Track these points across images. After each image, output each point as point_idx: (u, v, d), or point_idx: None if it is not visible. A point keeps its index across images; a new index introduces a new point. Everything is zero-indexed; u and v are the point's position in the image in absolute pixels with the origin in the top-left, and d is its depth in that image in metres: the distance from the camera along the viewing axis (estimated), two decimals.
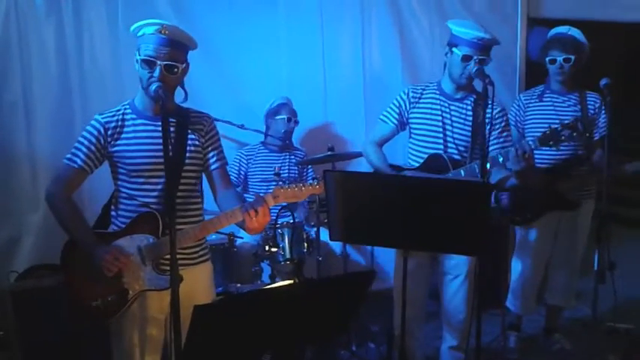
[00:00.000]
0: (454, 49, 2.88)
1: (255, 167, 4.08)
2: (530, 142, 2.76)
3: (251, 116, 4.11)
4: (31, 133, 3.82)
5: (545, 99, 3.63)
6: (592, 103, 3.58)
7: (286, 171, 4.04)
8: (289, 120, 4.05)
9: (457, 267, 2.95)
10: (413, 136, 3.08)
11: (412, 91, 3.07)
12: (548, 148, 3.18)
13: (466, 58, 2.84)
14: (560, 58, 3.49)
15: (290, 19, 4.38)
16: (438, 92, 3.02)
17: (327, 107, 4.55)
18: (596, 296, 2.98)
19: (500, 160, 2.79)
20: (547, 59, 3.55)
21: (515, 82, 4.83)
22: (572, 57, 3.47)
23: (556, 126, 2.76)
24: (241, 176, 4.11)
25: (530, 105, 3.63)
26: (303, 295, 1.99)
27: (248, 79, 4.30)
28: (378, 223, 2.36)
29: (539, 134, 2.97)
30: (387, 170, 3.02)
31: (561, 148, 3.38)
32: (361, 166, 3.98)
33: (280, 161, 4.08)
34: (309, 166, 4.11)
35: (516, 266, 3.78)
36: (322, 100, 4.53)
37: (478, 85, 2.96)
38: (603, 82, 2.94)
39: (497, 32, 4.69)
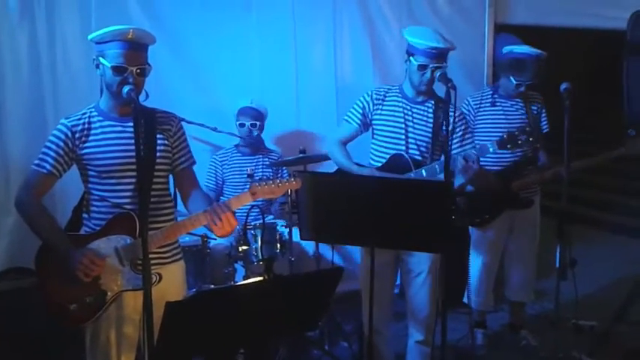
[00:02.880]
0: (411, 57, 3.00)
1: (230, 171, 4.13)
2: (489, 145, 2.89)
3: (224, 119, 4.15)
4: (4, 137, 3.82)
5: (495, 103, 3.81)
6: (534, 104, 3.82)
7: (260, 173, 4.09)
8: (244, 125, 4.07)
9: (419, 264, 3.04)
10: (376, 136, 3.17)
11: (375, 93, 3.16)
12: (503, 150, 3.38)
13: (422, 68, 2.96)
14: (524, 84, 3.67)
15: (262, 23, 4.44)
16: (400, 95, 3.13)
17: (300, 110, 4.62)
18: (558, 292, 3.08)
19: (438, 169, 2.93)
20: (511, 79, 3.68)
21: (482, 86, 4.95)
22: (534, 81, 3.67)
23: (513, 130, 2.89)
24: (219, 181, 4.16)
25: (482, 109, 3.79)
26: (273, 292, 2.06)
27: (221, 82, 4.36)
28: (346, 222, 2.45)
29: (490, 137, 3.14)
30: (354, 168, 3.08)
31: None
32: (333, 167, 4.06)
33: (254, 164, 4.13)
34: (284, 168, 4.17)
35: (474, 264, 3.94)
36: (295, 103, 4.60)
37: (438, 88, 3.07)
38: (563, 86, 3.07)
39: (465, 37, 4.92)
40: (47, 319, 2.42)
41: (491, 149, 2.96)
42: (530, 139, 2.86)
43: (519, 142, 2.88)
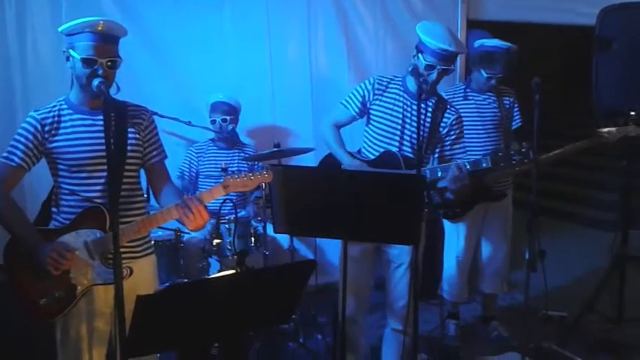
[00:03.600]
0: (420, 55, 2.92)
1: (205, 164, 4.12)
2: (483, 162, 2.91)
3: (198, 114, 4.13)
4: None
5: (468, 97, 3.86)
6: (507, 99, 3.89)
7: (235, 167, 4.08)
8: (215, 122, 4.06)
9: (400, 256, 3.04)
10: (371, 125, 3.12)
11: (378, 82, 3.09)
12: (474, 143, 3.64)
13: (429, 67, 2.89)
14: (495, 77, 3.73)
15: (236, 17, 4.44)
16: (402, 89, 3.06)
17: (275, 105, 4.63)
18: (527, 284, 3.13)
19: (439, 174, 2.91)
20: (482, 72, 3.74)
21: (455, 81, 4.99)
22: (505, 74, 3.73)
23: (510, 148, 2.95)
24: (192, 174, 4.15)
25: (454, 104, 3.81)
26: (245, 284, 2.06)
27: (195, 77, 4.35)
28: (319, 215, 2.47)
29: (465, 132, 3.16)
30: (345, 155, 3.06)
31: (485, 142, 3.64)
32: (306, 162, 4.08)
33: (230, 158, 4.12)
34: (259, 162, 4.16)
35: (447, 256, 4.01)
36: (270, 98, 4.61)
37: (441, 88, 3.09)
38: (534, 81, 3.10)
39: None
40: (17, 314, 2.41)
41: (484, 165, 2.93)
42: (525, 160, 2.87)
43: (513, 161, 2.88)
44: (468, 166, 2.89)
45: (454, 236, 3.96)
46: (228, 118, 4.07)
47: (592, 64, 3.75)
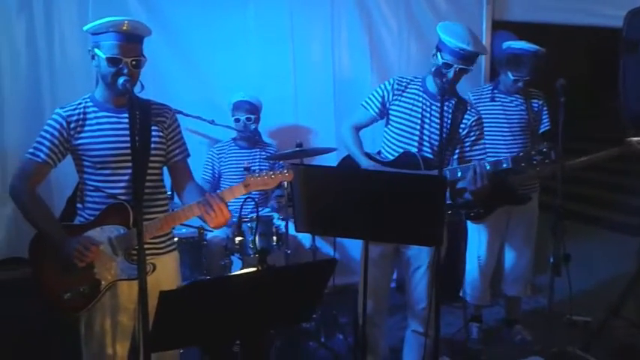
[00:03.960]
0: (439, 53, 2.92)
1: (227, 164, 4.14)
2: (504, 162, 2.87)
3: (221, 113, 4.16)
4: (1, 127, 3.85)
5: (495, 99, 3.82)
6: (535, 101, 3.82)
7: (257, 166, 4.10)
8: (239, 120, 4.08)
9: (419, 257, 3.03)
10: (390, 126, 3.12)
11: (397, 83, 3.09)
12: (500, 146, 3.59)
13: (446, 66, 2.88)
14: (522, 80, 3.68)
15: (260, 17, 4.46)
16: (421, 89, 3.05)
17: (298, 104, 4.64)
18: (552, 288, 3.10)
19: (459, 174, 2.89)
20: (509, 74, 3.70)
21: (480, 82, 4.96)
22: (532, 77, 3.68)
23: (529, 148, 2.90)
24: (215, 174, 4.17)
25: (481, 104, 3.79)
26: (266, 282, 2.07)
27: (218, 76, 4.38)
28: (340, 214, 2.46)
29: (488, 133, 3.13)
30: (362, 157, 3.06)
31: (511, 145, 3.59)
32: (328, 162, 4.08)
33: (251, 157, 4.14)
34: (280, 161, 4.18)
35: (470, 259, 3.96)
36: (293, 97, 4.62)
37: (460, 90, 3.06)
38: (559, 82, 3.07)
39: None
40: (43, 309, 2.45)
41: (504, 165, 2.90)
42: (547, 161, 2.82)
43: (534, 162, 2.84)
44: (488, 167, 2.86)
45: (476, 238, 3.92)
46: (252, 117, 4.08)
47: (619, 66, 3.69)
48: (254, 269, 3.24)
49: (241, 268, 3.67)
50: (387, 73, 4.70)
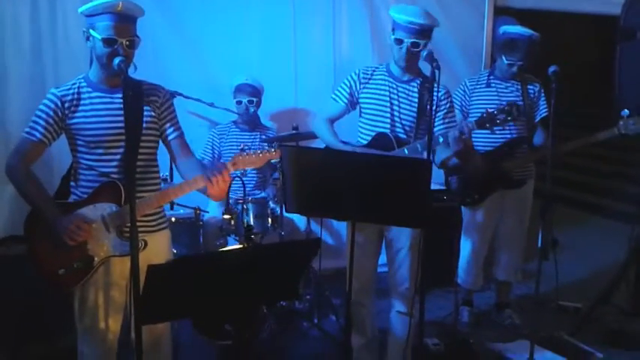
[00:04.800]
0: (391, 33, 3.01)
1: (227, 146, 4.20)
2: (469, 124, 2.91)
3: (222, 95, 4.21)
4: (5, 106, 3.94)
5: (490, 84, 3.84)
6: (532, 87, 3.83)
7: (256, 148, 4.13)
8: (241, 102, 4.12)
9: (399, 240, 3.09)
10: (363, 115, 3.20)
11: (363, 72, 3.18)
12: (495, 132, 3.46)
13: (398, 42, 2.96)
14: (516, 64, 3.70)
15: (262, 1, 4.50)
16: (387, 74, 3.14)
17: (298, 88, 4.70)
18: (539, 273, 3.13)
19: (441, 140, 2.94)
20: (504, 58, 3.73)
21: (481, 68, 4.98)
22: (525, 61, 3.69)
23: (492, 110, 2.92)
24: (215, 155, 4.23)
25: (476, 90, 3.82)
26: (251, 259, 2.13)
27: (219, 59, 4.43)
28: (329, 196, 2.51)
29: None
30: (340, 146, 3.13)
31: (506, 129, 3.62)
32: (323, 144, 4.12)
33: (251, 139, 4.20)
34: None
35: (465, 244, 4.02)
36: (293, 81, 4.68)
37: (425, 67, 3.07)
38: (551, 69, 3.08)
39: (464, 20, 4.94)
40: (38, 285, 2.52)
41: (470, 126, 2.91)
42: (509, 117, 2.87)
43: (497, 121, 2.89)
44: (470, 125, 2.89)
45: (472, 224, 3.96)
46: (254, 100, 4.14)
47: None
48: (240, 246, 3.31)
49: None
50: (387, 58, 4.69)
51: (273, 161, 2.64)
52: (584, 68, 8.41)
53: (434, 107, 2.72)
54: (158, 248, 2.58)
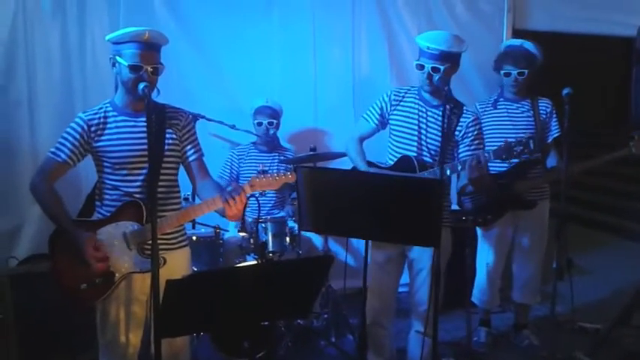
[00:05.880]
0: (416, 60, 3.07)
1: (246, 166, 4.30)
2: (485, 154, 2.96)
3: (243, 117, 4.31)
4: (35, 130, 4.09)
5: (499, 106, 3.89)
6: (543, 108, 3.85)
7: (275, 169, 4.24)
8: (262, 124, 4.22)
9: (421, 260, 3.13)
10: (391, 136, 3.26)
11: (394, 94, 3.24)
12: None
13: (420, 67, 3.03)
14: (514, 72, 3.75)
15: (283, 24, 4.64)
16: (417, 97, 3.19)
17: (318, 110, 4.80)
18: (554, 293, 3.14)
19: (459, 168, 2.99)
20: (502, 72, 3.80)
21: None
22: (526, 71, 3.73)
23: (511, 140, 2.96)
24: (233, 175, 4.33)
25: (486, 113, 3.87)
26: (265, 274, 2.21)
27: (241, 82, 4.55)
28: (342, 214, 2.58)
29: (494, 140, 3.18)
30: (363, 166, 3.20)
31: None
32: (342, 165, 4.19)
33: (270, 161, 4.30)
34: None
35: (480, 264, 4.03)
36: (313, 103, 4.78)
37: (457, 94, 3.16)
38: (565, 91, 3.12)
39: (482, 42, 4.99)
40: (62, 302, 2.61)
41: (486, 156, 2.97)
42: (525, 151, 2.90)
43: (514, 153, 2.92)
44: (487, 155, 2.94)
45: (486, 243, 3.98)
46: (274, 121, 4.24)
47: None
48: (255, 262, 3.38)
49: None
50: (405, 80, 4.79)
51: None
52: (602, 90, 8.37)
53: (461, 133, 2.80)
54: (178, 265, 2.66)
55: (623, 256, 6.29)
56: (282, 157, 4.32)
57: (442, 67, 2.97)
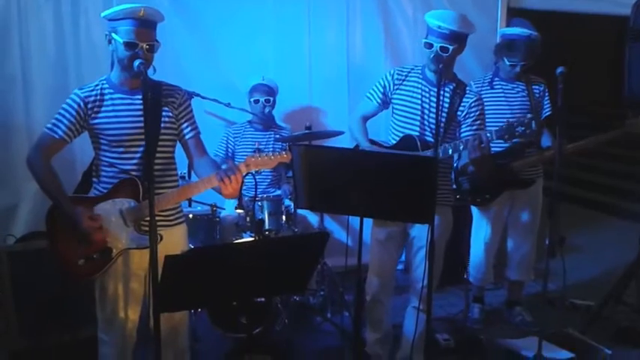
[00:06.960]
0: (424, 38, 3.05)
1: (242, 145, 4.31)
2: (488, 134, 2.96)
3: (238, 96, 4.31)
4: (29, 106, 4.07)
5: (495, 86, 3.92)
6: (537, 88, 3.90)
7: (270, 148, 4.25)
8: (258, 101, 4.23)
9: (420, 239, 3.14)
10: (394, 115, 3.25)
11: (397, 73, 3.22)
12: None
13: (428, 46, 3.00)
14: (519, 64, 3.77)
15: (278, 3, 4.61)
16: (421, 77, 3.17)
17: (312, 90, 4.80)
18: (547, 270, 3.18)
19: (461, 147, 2.99)
20: (506, 61, 3.81)
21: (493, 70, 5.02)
22: (527, 62, 3.77)
23: (513, 120, 2.96)
24: (229, 153, 4.34)
25: (482, 92, 3.87)
26: (261, 250, 2.24)
27: (236, 61, 4.54)
28: (337, 192, 2.61)
29: (491, 120, 3.19)
30: (365, 143, 3.21)
31: None
32: (340, 144, 4.21)
33: (265, 139, 4.31)
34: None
35: (475, 242, 4.09)
36: (308, 82, 4.78)
37: (460, 73, 3.17)
38: (559, 70, 3.12)
39: (477, 21, 4.90)
40: (60, 278, 2.65)
41: (488, 135, 2.97)
42: (527, 131, 2.90)
43: (516, 133, 2.93)
44: (489, 135, 2.95)
45: (482, 221, 4.03)
46: (270, 99, 4.24)
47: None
48: (251, 239, 3.41)
49: None
50: (400, 60, 4.81)
51: None
52: (597, 68, 8.38)
53: (463, 113, 2.82)
54: (174, 241, 2.68)
55: (615, 234, 6.36)
56: (277, 136, 4.33)
57: (451, 47, 2.95)
